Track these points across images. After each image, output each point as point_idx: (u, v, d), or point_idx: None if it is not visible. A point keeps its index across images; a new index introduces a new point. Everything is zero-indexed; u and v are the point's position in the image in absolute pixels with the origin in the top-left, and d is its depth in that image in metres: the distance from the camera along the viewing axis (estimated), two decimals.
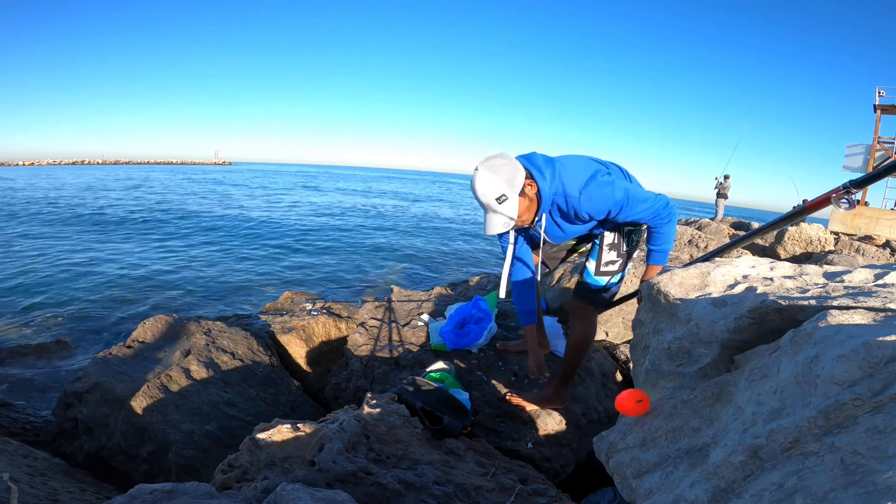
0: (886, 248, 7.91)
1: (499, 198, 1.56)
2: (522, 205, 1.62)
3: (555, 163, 1.68)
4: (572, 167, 1.68)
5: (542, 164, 1.65)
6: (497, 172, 1.57)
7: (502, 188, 1.56)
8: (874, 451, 0.52)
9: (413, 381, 1.99)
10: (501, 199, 1.57)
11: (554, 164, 1.67)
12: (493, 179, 1.56)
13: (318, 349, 3.50)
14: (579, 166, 1.69)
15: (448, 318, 2.70)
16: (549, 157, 1.70)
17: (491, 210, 1.59)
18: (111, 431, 2.40)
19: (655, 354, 1.10)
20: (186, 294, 7.37)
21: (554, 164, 1.68)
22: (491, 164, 1.59)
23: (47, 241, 10.71)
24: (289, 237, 13.01)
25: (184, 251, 10.41)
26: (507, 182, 1.57)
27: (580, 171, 1.66)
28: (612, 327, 3.07)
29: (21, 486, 1.60)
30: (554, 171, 1.65)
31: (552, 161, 1.69)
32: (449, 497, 1.43)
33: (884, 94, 13.68)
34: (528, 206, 1.64)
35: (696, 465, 0.77)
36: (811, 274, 1.01)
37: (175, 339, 3.05)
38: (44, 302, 6.60)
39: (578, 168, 1.68)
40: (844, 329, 0.67)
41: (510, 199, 1.57)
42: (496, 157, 1.61)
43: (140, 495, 1.13)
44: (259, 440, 1.48)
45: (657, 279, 1.18)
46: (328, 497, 1.11)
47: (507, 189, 1.57)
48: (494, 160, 1.60)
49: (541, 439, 2.03)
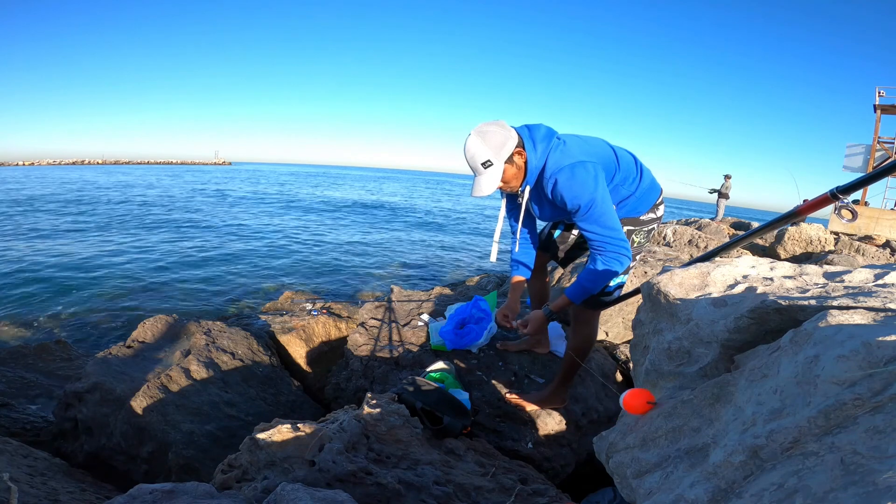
0: (886, 248, 7.91)
1: (484, 163, 1.60)
2: (509, 172, 1.65)
3: (556, 139, 1.67)
4: (572, 148, 1.65)
5: (539, 137, 1.66)
6: (486, 138, 1.60)
7: (488, 154, 1.60)
8: (874, 451, 0.52)
9: (413, 381, 1.99)
10: (487, 164, 1.60)
11: (551, 140, 1.66)
12: (481, 145, 1.60)
13: (318, 349, 3.50)
14: (579, 149, 1.66)
15: (448, 318, 2.70)
16: (552, 132, 1.69)
17: (478, 174, 1.63)
18: (111, 431, 2.40)
19: (655, 354, 1.10)
20: (186, 294, 7.37)
21: (552, 139, 1.66)
22: (482, 130, 1.61)
23: (47, 241, 10.71)
24: (289, 237, 13.02)
25: (184, 251, 10.41)
26: (495, 149, 1.60)
27: (572, 155, 1.63)
28: (612, 327, 3.07)
29: (21, 486, 1.60)
30: (547, 146, 1.65)
31: (553, 137, 1.67)
32: (449, 497, 1.43)
33: (884, 94, 13.68)
34: (516, 173, 1.67)
35: (696, 465, 0.77)
36: (811, 274, 1.01)
37: (175, 339, 3.05)
38: (44, 302, 6.60)
39: (576, 151, 1.64)
40: (844, 329, 0.67)
41: (495, 166, 1.61)
42: (490, 124, 1.63)
43: (140, 495, 1.13)
44: (259, 440, 1.47)
45: (658, 279, 1.17)
46: (328, 497, 1.11)
47: (494, 155, 1.60)
48: (487, 126, 1.62)
49: (541, 439, 2.03)
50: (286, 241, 12.34)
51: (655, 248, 4.20)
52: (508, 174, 1.65)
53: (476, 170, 1.62)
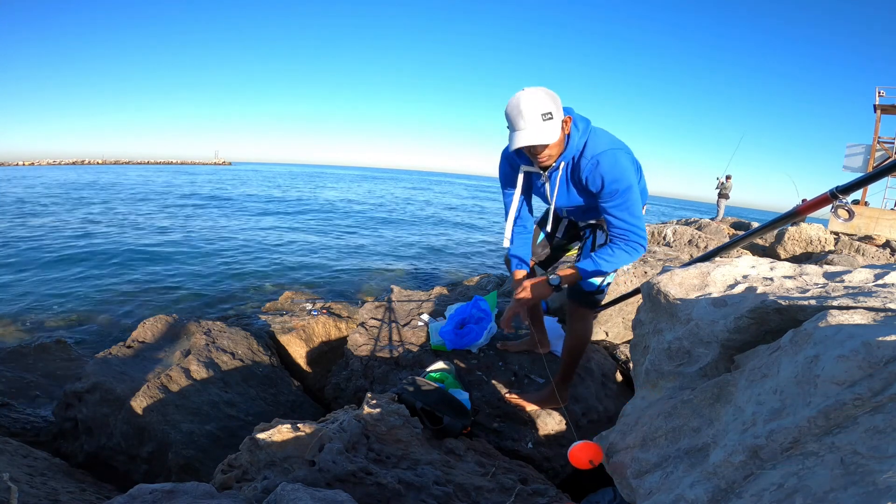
0: (886, 248, 7.91)
1: (545, 114, 1.51)
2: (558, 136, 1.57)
3: (589, 124, 1.66)
4: (604, 136, 1.65)
5: (578, 118, 1.64)
6: (551, 96, 1.54)
7: (552, 108, 1.52)
8: (874, 451, 0.52)
9: (413, 381, 1.99)
10: (547, 116, 1.51)
11: (588, 125, 1.65)
12: (545, 97, 1.52)
13: (318, 349, 3.50)
14: (612, 138, 1.66)
15: (448, 318, 2.70)
16: (585, 118, 1.67)
17: (530, 125, 1.51)
18: (111, 431, 2.40)
19: (655, 354, 1.10)
20: (186, 294, 7.37)
21: (589, 124, 1.65)
22: (544, 89, 1.54)
23: (47, 240, 10.71)
24: (288, 237, 13.02)
25: (184, 251, 10.41)
26: (556, 107, 1.54)
27: (613, 142, 1.63)
28: (612, 327, 3.07)
29: (21, 486, 1.60)
30: (586, 129, 1.63)
31: (589, 123, 1.66)
32: (449, 497, 1.43)
33: (884, 94, 13.68)
34: (559, 142, 1.60)
35: (696, 465, 0.77)
36: (811, 274, 1.01)
37: (175, 339, 3.05)
38: (44, 302, 6.60)
39: (610, 139, 1.65)
40: (844, 329, 0.67)
41: (554, 120, 1.53)
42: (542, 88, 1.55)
43: (140, 495, 1.13)
44: (259, 440, 1.47)
45: (658, 279, 1.17)
46: (328, 497, 1.11)
47: (556, 111, 1.53)
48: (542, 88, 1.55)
49: (541, 439, 2.03)
50: (286, 241, 12.34)
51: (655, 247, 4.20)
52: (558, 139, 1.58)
53: (531, 120, 1.51)
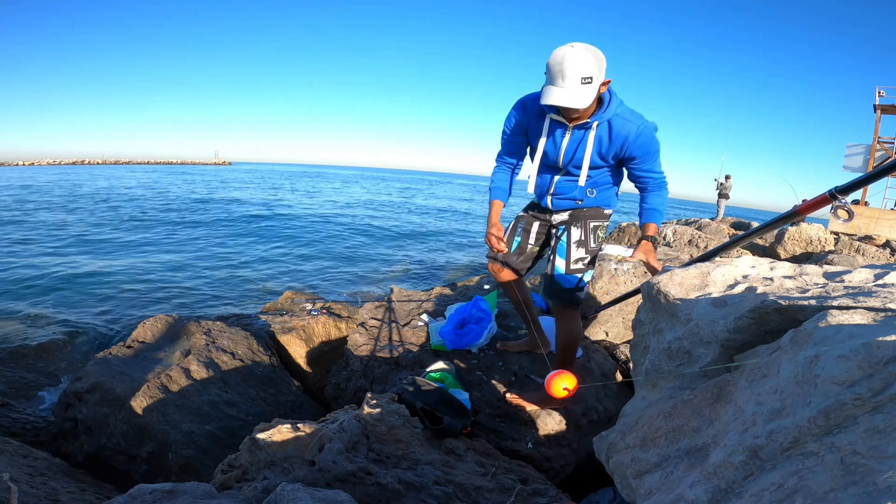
0: (886, 248, 7.91)
1: (585, 78, 1.53)
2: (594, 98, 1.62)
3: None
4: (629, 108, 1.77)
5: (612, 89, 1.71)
6: (598, 57, 1.55)
7: (593, 72, 1.53)
8: (874, 451, 0.52)
9: (413, 381, 1.99)
10: (587, 80, 1.53)
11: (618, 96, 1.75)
12: (592, 61, 1.53)
13: (318, 349, 3.50)
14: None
15: (448, 318, 2.70)
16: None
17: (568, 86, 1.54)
18: (111, 431, 2.40)
19: (655, 354, 1.10)
20: (186, 294, 7.37)
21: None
22: (594, 49, 1.56)
23: (46, 240, 10.71)
24: (288, 237, 13.02)
25: (184, 251, 10.41)
26: (600, 71, 1.56)
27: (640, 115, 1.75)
28: (612, 327, 3.07)
29: (21, 486, 1.60)
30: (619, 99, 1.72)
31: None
32: (449, 497, 1.43)
33: (884, 94, 13.68)
34: (593, 104, 1.65)
35: (696, 465, 0.77)
36: (811, 274, 1.01)
37: (175, 339, 3.05)
38: (43, 302, 6.60)
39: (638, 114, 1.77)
40: (844, 329, 0.67)
41: (593, 85, 1.55)
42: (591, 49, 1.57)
43: (140, 495, 1.13)
44: (259, 440, 1.47)
45: (657, 279, 1.18)
46: (328, 497, 1.11)
47: (596, 76, 1.55)
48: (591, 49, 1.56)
49: (541, 439, 2.03)
50: (285, 242, 12.34)
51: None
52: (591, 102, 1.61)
53: (570, 82, 1.53)
